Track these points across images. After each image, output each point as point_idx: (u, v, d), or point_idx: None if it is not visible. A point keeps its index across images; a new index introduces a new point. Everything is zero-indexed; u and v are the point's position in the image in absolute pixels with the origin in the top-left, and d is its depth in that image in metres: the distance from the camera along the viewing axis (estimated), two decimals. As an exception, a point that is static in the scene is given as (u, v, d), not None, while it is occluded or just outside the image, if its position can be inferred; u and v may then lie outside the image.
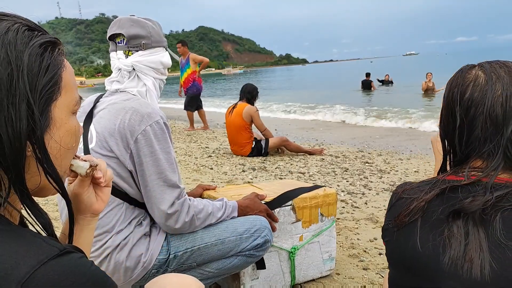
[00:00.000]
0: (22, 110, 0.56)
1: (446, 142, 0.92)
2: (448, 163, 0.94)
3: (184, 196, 1.44)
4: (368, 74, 18.20)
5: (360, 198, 3.46)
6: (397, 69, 47.82)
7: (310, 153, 5.42)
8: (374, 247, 2.44)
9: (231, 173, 4.46)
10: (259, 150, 5.32)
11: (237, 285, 1.78)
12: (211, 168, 4.69)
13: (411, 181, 0.95)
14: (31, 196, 0.61)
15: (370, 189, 3.71)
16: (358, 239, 2.58)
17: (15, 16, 0.62)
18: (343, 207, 3.19)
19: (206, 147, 6.16)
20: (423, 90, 14.54)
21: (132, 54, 1.52)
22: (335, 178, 4.12)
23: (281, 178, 4.13)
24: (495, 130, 0.82)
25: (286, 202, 1.83)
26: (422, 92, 14.59)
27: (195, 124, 8.39)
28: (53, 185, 0.63)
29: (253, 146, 5.32)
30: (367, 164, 4.74)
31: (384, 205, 3.19)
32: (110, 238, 1.38)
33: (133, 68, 1.52)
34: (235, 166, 4.77)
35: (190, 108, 7.98)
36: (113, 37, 1.55)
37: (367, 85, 17.86)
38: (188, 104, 7.95)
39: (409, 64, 75.21)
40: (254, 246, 1.56)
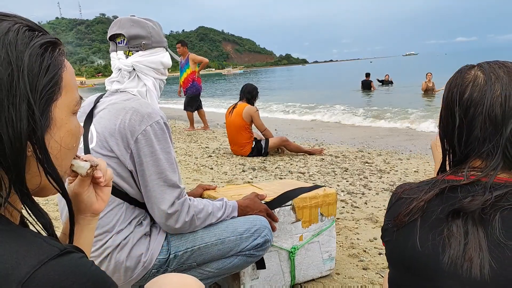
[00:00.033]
0: (22, 110, 0.56)
1: (446, 142, 0.93)
2: (447, 163, 0.94)
3: (184, 196, 1.44)
4: (368, 74, 18.19)
5: (360, 198, 3.46)
6: (397, 69, 47.83)
7: (310, 153, 5.42)
8: (374, 247, 2.44)
9: (231, 173, 4.46)
10: (259, 150, 5.32)
11: (237, 285, 1.78)
12: (211, 168, 4.69)
13: (410, 181, 0.95)
14: (32, 196, 0.61)
15: (370, 189, 3.71)
16: (358, 239, 2.58)
17: (16, 16, 0.62)
18: (343, 207, 3.19)
19: (206, 147, 6.16)
20: (423, 90, 14.53)
21: (132, 54, 1.52)
22: (335, 178, 4.13)
23: (281, 178, 4.13)
24: (494, 130, 0.82)
25: (286, 202, 1.83)
26: (422, 92, 14.58)
27: (195, 124, 8.40)
28: (53, 185, 0.63)
29: (253, 146, 5.32)
30: (366, 164, 4.74)
31: (384, 205, 3.19)
32: (111, 238, 1.38)
33: (133, 68, 1.52)
34: (235, 166, 4.77)
35: (190, 108, 7.97)
36: (113, 37, 1.55)
37: (367, 85, 17.85)
38: (188, 104, 7.95)
39: (409, 64, 75.23)
40: (254, 246, 1.56)
